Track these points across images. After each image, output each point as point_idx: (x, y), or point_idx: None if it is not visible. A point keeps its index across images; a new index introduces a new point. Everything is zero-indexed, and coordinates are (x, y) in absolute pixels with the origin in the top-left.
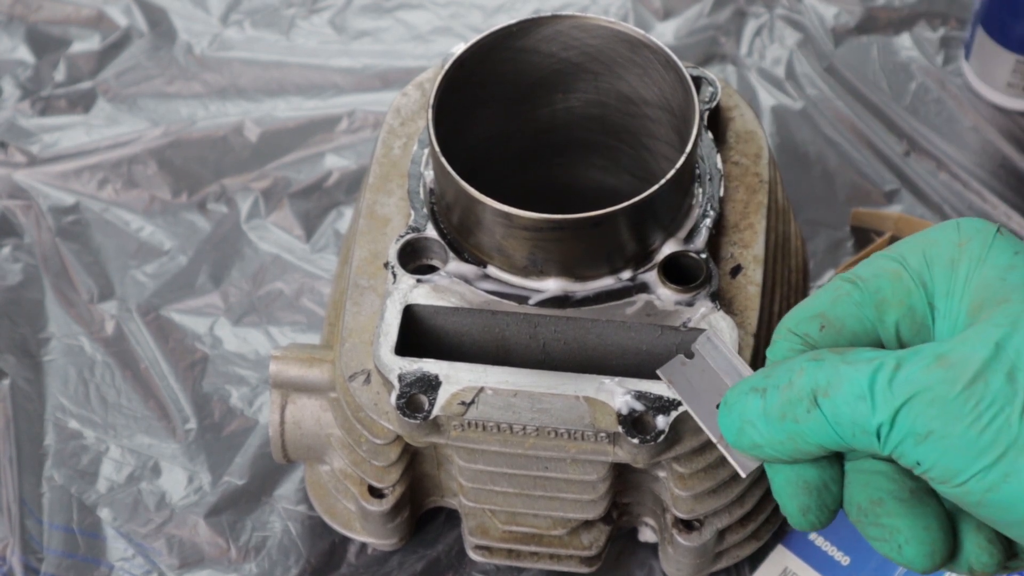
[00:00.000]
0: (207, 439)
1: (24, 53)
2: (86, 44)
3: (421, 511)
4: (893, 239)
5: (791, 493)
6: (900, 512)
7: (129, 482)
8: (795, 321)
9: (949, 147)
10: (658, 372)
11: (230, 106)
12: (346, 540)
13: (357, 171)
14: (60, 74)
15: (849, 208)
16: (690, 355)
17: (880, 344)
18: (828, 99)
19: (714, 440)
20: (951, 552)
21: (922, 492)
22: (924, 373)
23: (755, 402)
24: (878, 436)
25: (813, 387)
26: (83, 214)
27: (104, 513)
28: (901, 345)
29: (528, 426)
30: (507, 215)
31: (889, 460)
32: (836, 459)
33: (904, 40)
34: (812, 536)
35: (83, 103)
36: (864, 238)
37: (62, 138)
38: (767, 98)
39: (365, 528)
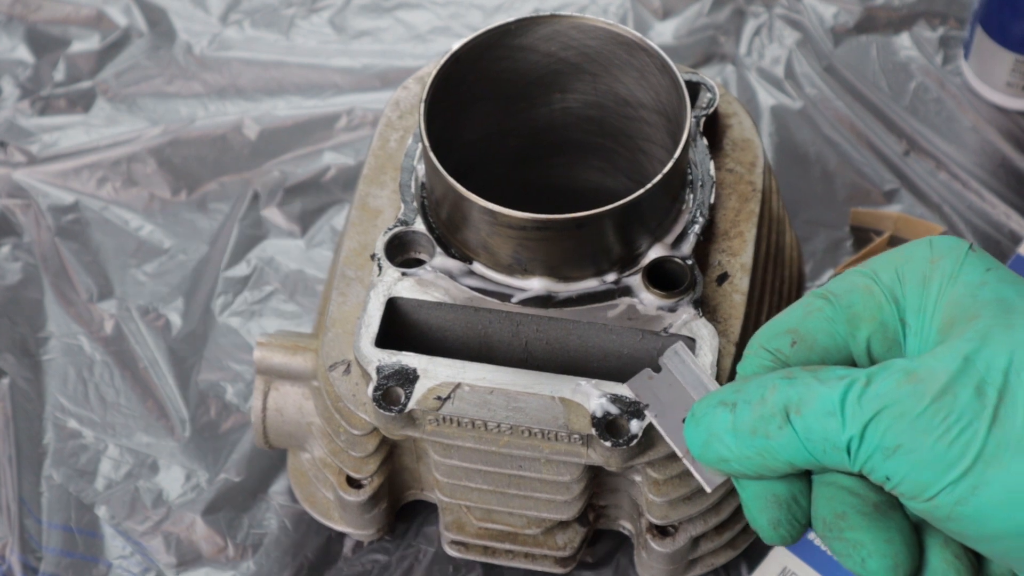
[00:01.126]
0: (204, 436)
1: (24, 53)
2: (86, 44)
3: (401, 503)
4: (893, 239)
5: (761, 507)
6: (863, 525)
7: (127, 480)
8: (766, 337)
9: (948, 147)
10: (626, 384)
11: (229, 106)
12: (342, 535)
13: (354, 167)
14: (60, 74)
15: (848, 208)
16: (658, 369)
17: (851, 360)
18: (827, 99)
19: (680, 454)
20: (916, 567)
21: (886, 506)
22: (893, 388)
23: (724, 416)
24: (848, 452)
25: (785, 404)
26: (82, 213)
27: (102, 511)
28: (872, 361)
29: (503, 424)
30: (492, 213)
31: (860, 477)
32: (804, 473)
33: (903, 40)
34: (811, 535)
35: (83, 103)
36: (863, 238)
37: (61, 138)
38: (766, 98)
39: (343, 518)
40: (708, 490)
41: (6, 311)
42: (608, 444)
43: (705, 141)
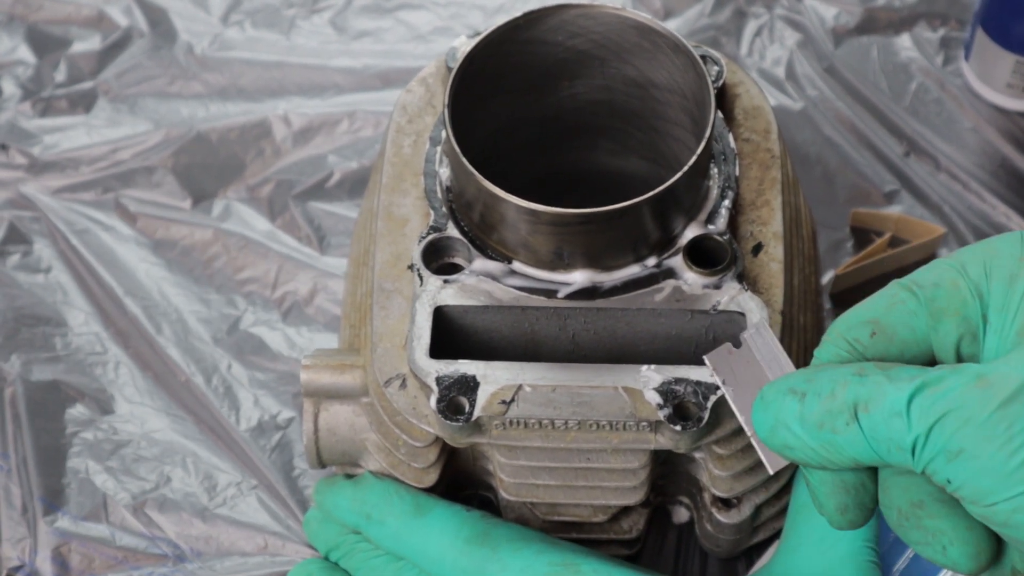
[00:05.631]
0: (232, 437)
1: (25, 53)
2: (87, 44)
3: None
4: (893, 239)
5: (828, 492)
6: (942, 513)
7: (159, 479)
8: (847, 326)
9: (949, 148)
10: (704, 358)
11: (231, 106)
12: None
13: (359, 170)
14: (61, 74)
15: (849, 209)
16: (737, 344)
17: (931, 354)
18: (828, 100)
19: (748, 432)
20: (995, 553)
21: None
22: (961, 392)
23: (792, 405)
24: (912, 452)
25: (855, 401)
26: (88, 216)
27: (133, 510)
28: (956, 353)
29: (569, 420)
30: (533, 212)
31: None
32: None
33: (904, 40)
34: None
35: (84, 103)
36: (864, 239)
37: (63, 139)
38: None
39: None
40: (771, 471)
41: (22, 315)
42: (678, 428)
43: (719, 113)
